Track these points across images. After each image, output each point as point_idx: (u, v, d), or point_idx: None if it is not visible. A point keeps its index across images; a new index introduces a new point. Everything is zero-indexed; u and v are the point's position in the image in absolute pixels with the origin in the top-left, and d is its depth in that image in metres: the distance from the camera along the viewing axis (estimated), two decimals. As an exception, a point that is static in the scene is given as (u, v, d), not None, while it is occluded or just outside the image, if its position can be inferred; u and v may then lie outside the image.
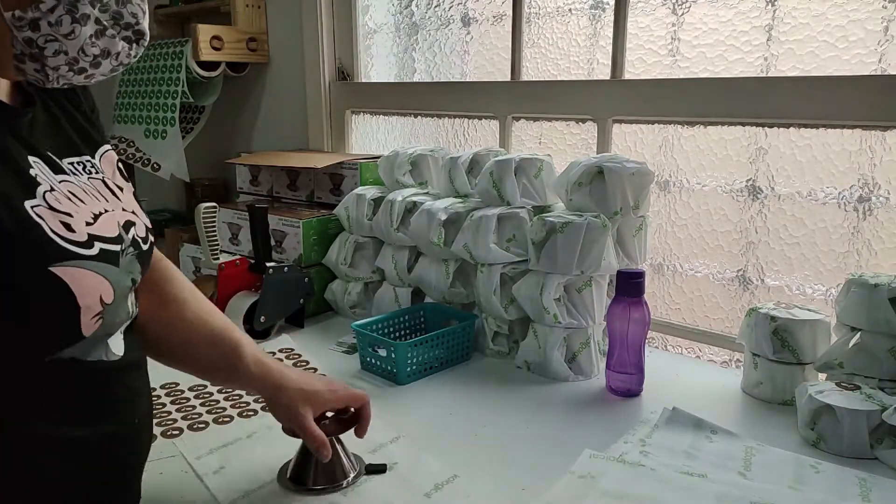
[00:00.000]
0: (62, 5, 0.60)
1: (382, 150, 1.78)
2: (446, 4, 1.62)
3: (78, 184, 0.68)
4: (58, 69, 0.63)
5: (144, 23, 0.65)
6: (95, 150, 0.74)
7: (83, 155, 0.72)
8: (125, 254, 0.69)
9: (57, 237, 0.61)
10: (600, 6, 1.36)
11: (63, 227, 0.62)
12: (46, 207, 0.62)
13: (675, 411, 0.99)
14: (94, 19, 0.61)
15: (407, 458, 0.88)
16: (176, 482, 0.84)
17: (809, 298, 1.18)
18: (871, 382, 0.96)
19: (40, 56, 0.61)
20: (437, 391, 1.10)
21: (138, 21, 0.64)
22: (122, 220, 0.71)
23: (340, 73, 1.83)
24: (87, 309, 0.63)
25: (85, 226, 0.65)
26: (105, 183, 0.72)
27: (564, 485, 0.81)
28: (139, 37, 0.65)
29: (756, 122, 1.18)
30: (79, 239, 0.63)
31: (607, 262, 1.12)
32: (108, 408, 0.67)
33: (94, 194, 0.69)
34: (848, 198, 1.12)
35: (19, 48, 0.60)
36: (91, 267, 0.63)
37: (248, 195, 1.77)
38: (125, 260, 0.68)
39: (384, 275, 1.41)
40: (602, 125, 1.35)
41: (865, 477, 0.84)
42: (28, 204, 0.61)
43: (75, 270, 0.62)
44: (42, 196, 0.62)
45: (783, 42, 1.15)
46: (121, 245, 0.68)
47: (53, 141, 0.69)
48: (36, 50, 0.61)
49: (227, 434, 0.96)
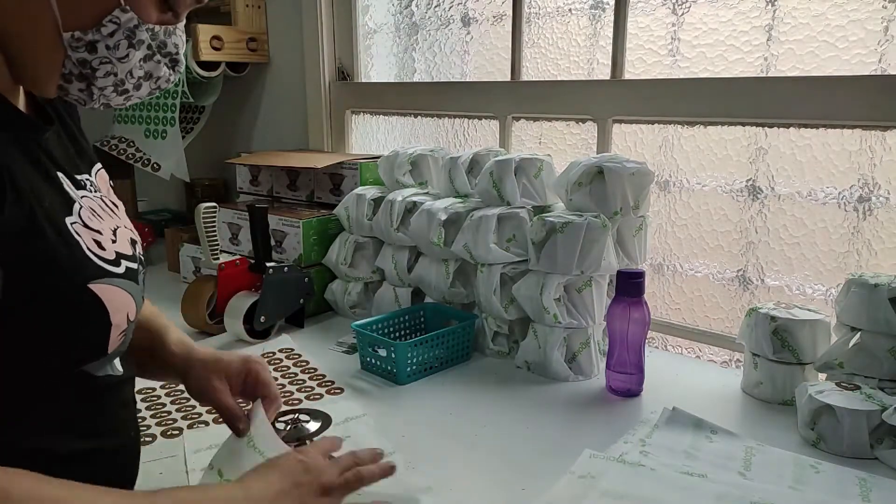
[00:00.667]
0: (122, 30, 0.61)
1: (382, 150, 1.78)
2: (446, 4, 1.62)
3: (94, 199, 0.69)
4: (104, 90, 0.64)
5: (182, 53, 0.68)
6: (91, 168, 0.75)
7: (83, 173, 0.73)
8: (139, 271, 0.70)
9: (93, 255, 0.63)
10: (600, 6, 1.36)
11: (96, 244, 0.64)
12: (81, 225, 0.64)
13: (675, 411, 0.99)
14: (145, 45, 0.64)
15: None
16: (175, 482, 0.84)
17: (809, 298, 1.18)
18: (871, 382, 0.96)
19: (91, 76, 0.63)
20: (437, 391, 1.10)
21: (178, 51, 0.67)
22: (129, 237, 0.72)
23: (340, 73, 1.83)
24: (117, 326, 0.64)
25: (111, 243, 0.67)
26: (103, 200, 0.73)
27: (564, 485, 0.81)
28: (175, 64, 0.68)
29: (756, 122, 1.18)
30: (109, 257, 0.65)
31: (607, 262, 1.12)
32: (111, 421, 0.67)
33: (105, 210, 0.70)
34: (848, 198, 1.12)
35: (69, 68, 0.62)
36: (120, 284, 0.65)
37: (248, 195, 1.77)
38: (140, 277, 0.70)
39: (384, 275, 1.41)
40: (602, 125, 1.35)
41: (865, 477, 0.84)
42: (68, 220, 0.62)
43: (108, 288, 0.63)
44: (78, 213, 0.64)
45: (783, 42, 1.15)
46: (136, 263, 0.70)
47: (65, 157, 0.70)
48: (88, 70, 0.62)
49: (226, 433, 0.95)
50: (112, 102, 0.67)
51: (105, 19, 0.61)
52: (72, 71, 0.62)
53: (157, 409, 1.03)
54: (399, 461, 0.82)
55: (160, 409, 1.03)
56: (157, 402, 1.06)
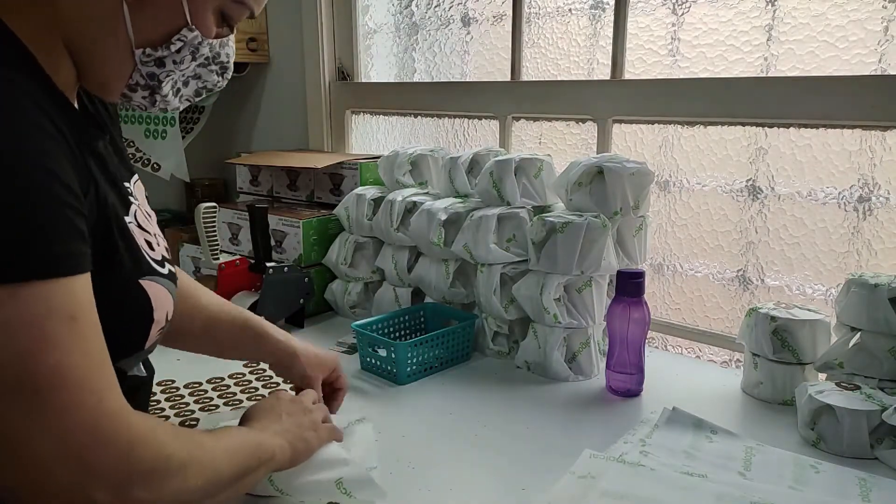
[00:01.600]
0: (188, 46, 0.66)
1: (382, 150, 1.78)
2: (446, 4, 1.62)
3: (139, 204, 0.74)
4: (165, 96, 0.70)
5: (231, 62, 0.74)
6: (131, 177, 0.80)
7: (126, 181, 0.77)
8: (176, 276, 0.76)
9: (145, 253, 0.69)
10: (600, 6, 1.36)
11: (147, 244, 0.70)
12: (136, 225, 0.69)
13: (675, 411, 0.99)
14: (204, 56, 0.69)
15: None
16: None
17: (809, 298, 1.18)
18: (871, 382, 0.96)
19: (156, 87, 0.68)
20: (437, 391, 1.10)
21: (229, 60, 0.74)
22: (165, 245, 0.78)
23: (340, 73, 1.83)
24: (157, 322, 0.69)
25: (157, 246, 0.73)
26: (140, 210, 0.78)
27: (564, 485, 0.81)
28: (225, 70, 0.74)
29: (756, 122, 1.18)
30: (157, 257, 0.71)
31: (607, 262, 1.12)
32: None
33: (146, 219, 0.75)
34: (848, 198, 1.12)
35: (136, 79, 0.66)
36: (164, 284, 0.70)
37: (248, 195, 1.77)
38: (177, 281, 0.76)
39: (384, 275, 1.41)
40: (602, 125, 1.35)
41: (865, 477, 0.84)
42: (127, 219, 0.68)
43: (155, 285, 0.69)
44: (134, 214, 0.70)
45: (783, 42, 1.15)
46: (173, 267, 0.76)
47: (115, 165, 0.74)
48: (154, 83, 0.67)
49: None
50: (170, 105, 0.71)
51: (174, 37, 0.65)
52: (138, 82, 0.67)
53: (152, 406, 1.04)
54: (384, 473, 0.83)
55: (154, 405, 1.04)
56: (152, 399, 1.06)
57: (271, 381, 1.12)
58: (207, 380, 1.13)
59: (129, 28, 0.63)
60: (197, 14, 0.65)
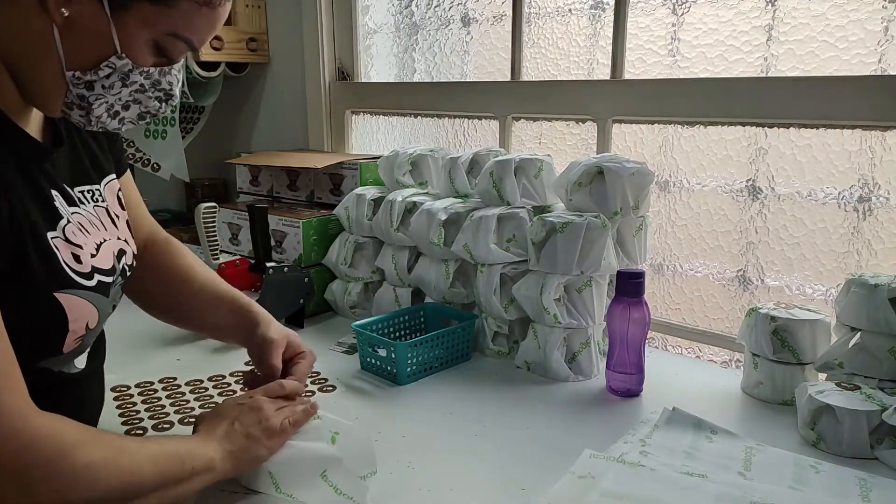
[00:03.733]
0: (117, 73, 0.69)
1: (382, 150, 1.78)
2: (446, 4, 1.62)
3: (85, 214, 0.76)
4: (100, 117, 0.72)
5: (177, 89, 0.76)
6: (102, 179, 0.83)
7: (93, 183, 0.80)
8: (115, 284, 0.78)
9: (67, 268, 0.71)
10: (600, 6, 1.36)
11: (73, 258, 0.72)
12: (63, 239, 0.71)
13: (675, 411, 0.99)
14: (138, 84, 0.71)
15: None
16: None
17: (809, 298, 1.18)
18: (871, 382, 0.96)
19: (88, 108, 0.70)
20: (437, 391, 1.10)
21: (172, 88, 0.75)
22: (117, 249, 0.80)
23: (340, 73, 1.83)
24: (74, 332, 0.72)
25: (90, 257, 0.74)
26: (107, 211, 0.81)
27: (564, 485, 0.81)
28: (169, 98, 0.75)
29: (756, 122, 1.18)
30: (83, 270, 0.73)
31: (607, 262, 1.12)
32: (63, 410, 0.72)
33: (97, 224, 0.78)
34: (848, 198, 1.12)
35: (70, 98, 0.69)
36: (86, 296, 0.72)
37: (248, 195, 1.77)
38: (114, 290, 0.78)
39: (384, 275, 1.41)
40: (602, 125, 1.35)
41: (865, 477, 0.84)
42: (50, 235, 0.70)
43: (73, 298, 0.71)
44: (62, 229, 0.72)
45: (783, 42, 1.15)
46: (113, 276, 0.78)
47: (71, 172, 0.78)
48: (85, 104, 0.70)
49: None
50: (108, 126, 0.74)
51: (103, 63, 0.68)
52: (73, 101, 0.70)
53: (152, 403, 1.04)
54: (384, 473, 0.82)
55: (155, 402, 1.04)
56: (154, 395, 1.07)
57: (271, 381, 1.12)
58: (209, 377, 1.13)
59: (60, 50, 0.66)
60: (127, 43, 0.67)
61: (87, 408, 0.85)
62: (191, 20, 0.69)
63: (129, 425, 0.96)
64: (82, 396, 0.82)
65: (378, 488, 0.82)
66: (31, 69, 0.68)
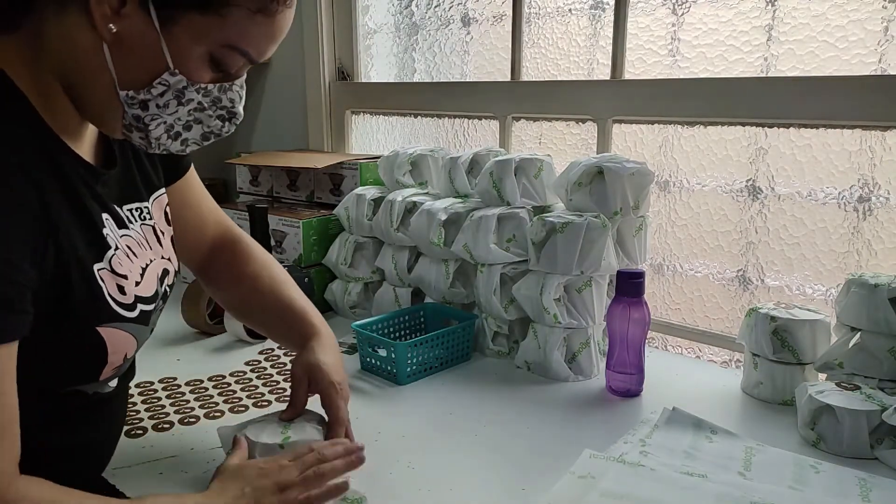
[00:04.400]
0: (171, 90, 0.65)
1: (382, 150, 1.78)
2: (446, 4, 1.63)
3: (134, 236, 0.75)
4: (159, 138, 0.69)
5: (240, 107, 0.71)
6: (151, 194, 0.81)
7: (142, 201, 0.78)
8: (155, 311, 0.77)
9: (111, 300, 0.69)
10: (600, 6, 1.36)
11: (118, 289, 0.70)
12: (109, 271, 0.69)
13: (675, 411, 0.99)
14: (196, 102, 0.67)
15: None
16: (174, 482, 0.84)
17: (809, 298, 1.18)
18: (871, 382, 0.96)
19: (145, 129, 0.67)
20: (437, 391, 1.10)
21: (234, 105, 0.70)
22: (160, 270, 0.78)
23: (340, 73, 1.83)
24: (112, 364, 0.70)
25: (134, 286, 0.72)
26: (154, 229, 0.81)
27: (564, 485, 0.81)
28: (232, 116, 0.71)
29: (756, 122, 1.18)
30: (126, 302, 0.71)
31: (607, 262, 1.12)
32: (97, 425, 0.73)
33: (144, 244, 0.77)
34: (848, 198, 1.12)
35: (128, 120, 0.67)
36: (127, 328, 0.71)
37: (248, 195, 1.77)
38: (154, 317, 0.76)
39: (384, 275, 1.41)
40: (602, 125, 1.35)
41: (865, 477, 0.84)
42: (96, 267, 0.68)
43: (115, 331, 0.69)
44: (108, 260, 0.69)
45: (783, 42, 1.15)
46: (154, 303, 0.76)
47: (122, 191, 0.76)
48: (142, 125, 0.67)
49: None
50: (171, 149, 0.71)
51: (155, 81, 0.64)
52: (131, 123, 0.67)
53: (152, 403, 1.04)
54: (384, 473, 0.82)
55: (155, 402, 1.04)
56: (154, 395, 1.06)
57: (271, 378, 1.12)
58: (209, 377, 1.13)
59: (112, 68, 0.63)
60: (180, 58, 0.64)
61: (117, 422, 0.84)
62: (246, 30, 0.64)
63: (129, 425, 0.96)
64: (112, 412, 0.81)
65: (378, 488, 0.82)
66: (84, 87, 0.65)
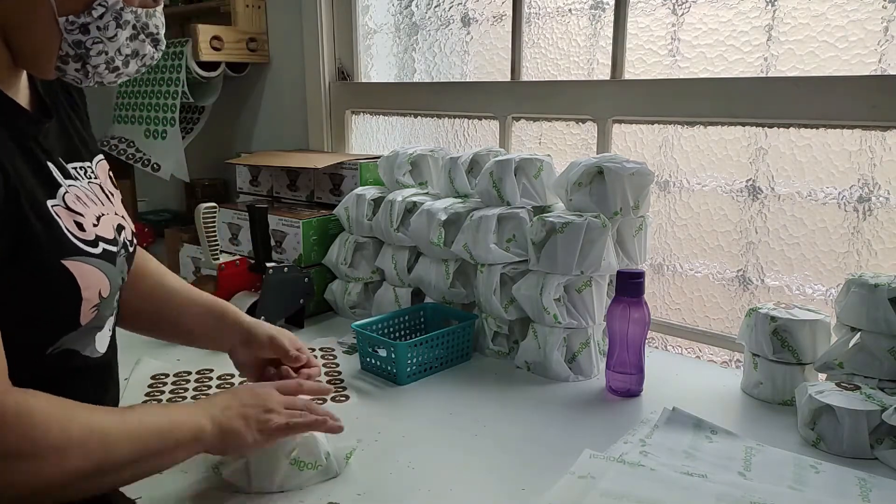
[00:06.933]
0: (110, 12, 0.69)
1: (382, 150, 1.78)
2: (446, 4, 1.62)
3: (81, 188, 0.76)
4: (97, 67, 0.72)
5: (162, 33, 0.76)
6: (92, 158, 0.83)
7: (84, 161, 0.81)
8: (119, 254, 0.78)
9: (70, 235, 0.70)
10: (600, 6, 1.36)
11: (76, 226, 0.71)
12: (63, 207, 0.71)
13: (675, 411, 0.99)
14: (130, 25, 0.72)
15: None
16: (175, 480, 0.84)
17: (809, 298, 1.18)
18: (871, 382, 0.96)
19: (85, 56, 0.70)
20: (437, 391, 1.10)
21: (159, 32, 0.76)
22: (115, 224, 0.79)
23: (340, 73, 1.83)
24: (88, 301, 0.71)
25: (92, 226, 0.74)
26: (101, 188, 0.81)
27: (564, 485, 0.81)
28: (157, 43, 0.76)
29: (756, 122, 1.18)
30: (87, 238, 0.73)
31: (607, 262, 1.12)
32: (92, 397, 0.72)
33: (93, 198, 0.78)
34: (848, 198, 1.12)
35: (66, 49, 0.69)
36: (94, 263, 0.72)
37: (248, 195, 1.77)
38: (119, 260, 0.78)
39: (384, 275, 1.41)
40: (602, 125, 1.35)
41: (865, 477, 0.84)
42: (50, 203, 0.70)
43: (82, 265, 0.70)
44: (62, 197, 0.72)
45: (783, 42, 1.15)
46: (116, 246, 0.77)
47: (64, 146, 0.78)
48: (82, 51, 0.70)
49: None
50: (105, 80, 0.74)
51: (95, 3, 0.68)
52: (68, 52, 0.69)
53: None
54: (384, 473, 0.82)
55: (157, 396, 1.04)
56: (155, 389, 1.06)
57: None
58: (208, 377, 1.13)
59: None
60: None
61: (110, 391, 0.85)
62: None
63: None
64: (105, 381, 0.83)
65: (378, 488, 0.82)
66: (22, 25, 0.68)
